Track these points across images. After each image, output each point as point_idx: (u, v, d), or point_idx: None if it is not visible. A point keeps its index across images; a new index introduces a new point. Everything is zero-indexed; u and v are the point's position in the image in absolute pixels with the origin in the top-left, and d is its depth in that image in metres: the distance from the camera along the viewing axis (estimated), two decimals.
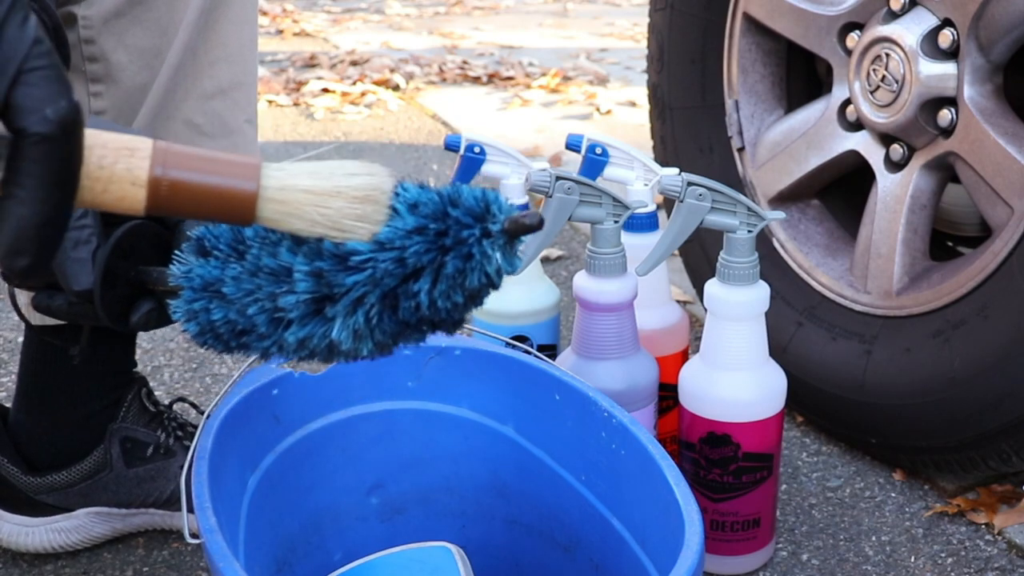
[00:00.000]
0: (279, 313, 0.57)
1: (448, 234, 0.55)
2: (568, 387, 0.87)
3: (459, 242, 0.55)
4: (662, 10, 1.42)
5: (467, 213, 0.55)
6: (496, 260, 0.55)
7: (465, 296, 0.56)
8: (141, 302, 0.64)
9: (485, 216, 0.55)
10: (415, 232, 0.55)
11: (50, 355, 1.06)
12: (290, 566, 0.88)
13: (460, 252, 0.55)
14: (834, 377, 1.22)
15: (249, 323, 0.58)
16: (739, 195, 0.95)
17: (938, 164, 1.16)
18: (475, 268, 0.55)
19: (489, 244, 0.55)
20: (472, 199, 0.55)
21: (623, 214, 0.99)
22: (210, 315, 0.59)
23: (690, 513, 0.72)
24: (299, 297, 0.56)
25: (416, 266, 0.55)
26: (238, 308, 0.58)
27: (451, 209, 0.55)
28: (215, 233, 0.59)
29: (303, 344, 0.57)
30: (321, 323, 0.56)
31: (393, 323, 0.57)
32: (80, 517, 1.07)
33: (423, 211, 0.55)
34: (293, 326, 0.57)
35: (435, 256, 0.55)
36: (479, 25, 4.55)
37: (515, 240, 0.56)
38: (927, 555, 1.08)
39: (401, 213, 0.55)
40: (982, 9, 1.06)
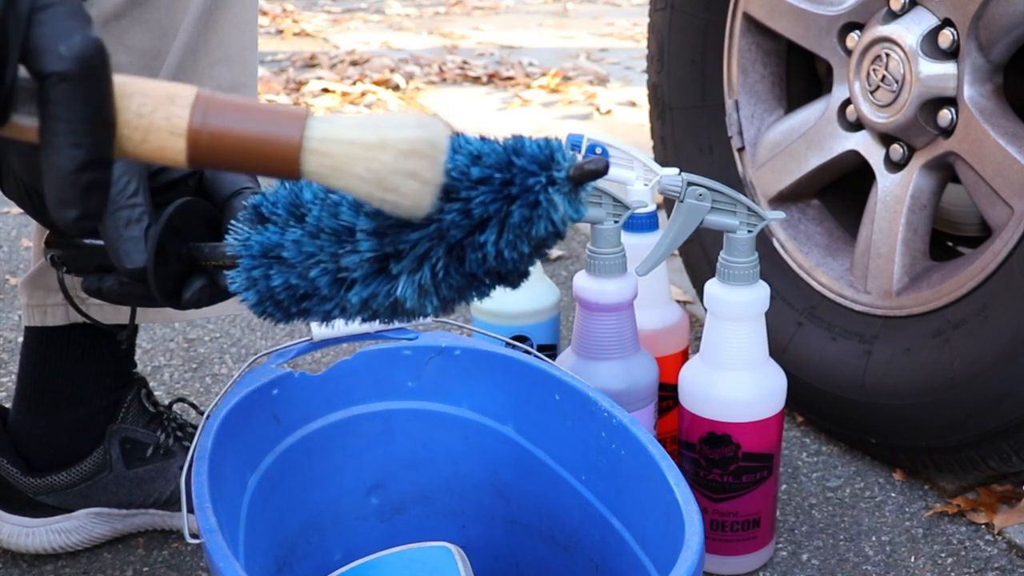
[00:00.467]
0: (342, 273, 0.56)
1: (514, 183, 0.54)
2: (568, 387, 0.87)
3: (525, 190, 0.54)
4: (662, 10, 1.42)
5: (532, 161, 0.54)
6: (562, 207, 0.55)
7: (532, 245, 0.56)
8: (193, 279, 0.64)
9: (550, 164, 0.55)
10: (480, 182, 0.54)
11: (49, 356, 1.06)
12: (290, 566, 0.88)
13: (527, 200, 0.54)
14: (834, 377, 1.22)
15: (311, 286, 0.57)
16: (739, 195, 0.95)
17: (938, 164, 1.16)
18: (542, 216, 0.55)
19: (555, 191, 0.55)
20: (536, 148, 0.55)
21: (623, 214, 0.99)
22: (270, 281, 0.58)
23: (690, 513, 0.72)
24: (363, 256, 0.55)
25: (482, 216, 0.54)
26: (299, 272, 0.57)
27: (515, 158, 0.55)
28: (272, 199, 0.59)
29: (366, 304, 0.57)
30: (386, 281, 0.56)
31: (460, 276, 0.56)
32: (80, 518, 1.07)
33: (487, 161, 0.55)
34: (356, 286, 0.56)
35: (501, 205, 0.54)
36: (479, 25, 4.55)
37: (580, 187, 0.56)
38: (927, 555, 1.08)
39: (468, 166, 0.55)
40: (982, 9, 1.06)
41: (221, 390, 0.98)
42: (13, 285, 1.73)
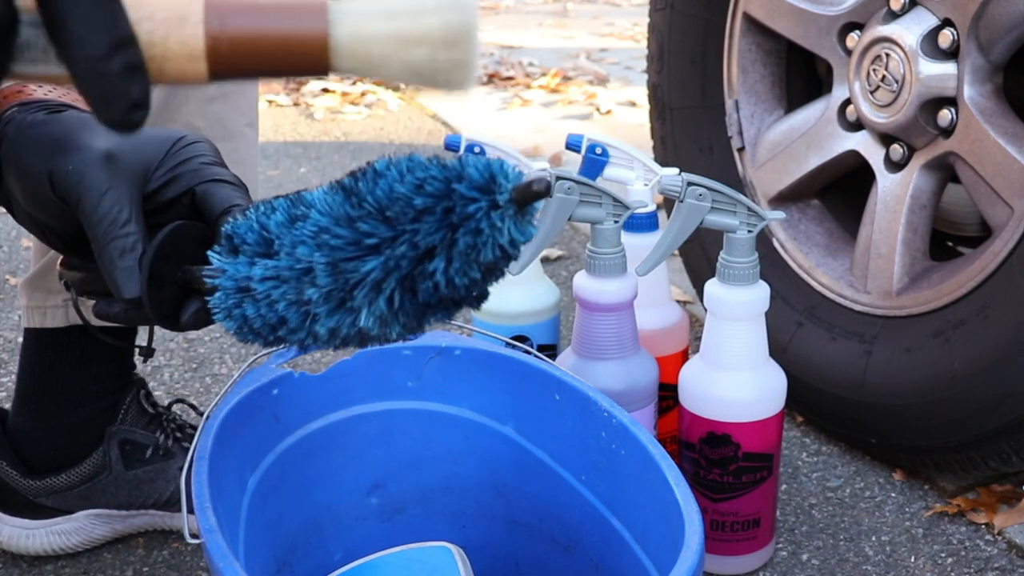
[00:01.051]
0: (305, 307, 0.57)
1: (455, 211, 0.54)
2: (568, 387, 0.87)
3: (466, 217, 0.54)
4: (662, 10, 1.42)
5: (472, 187, 0.54)
6: (507, 230, 0.54)
7: (482, 270, 0.56)
8: (189, 302, 0.64)
9: (491, 187, 0.54)
10: (423, 212, 0.54)
11: (49, 358, 1.06)
12: (290, 566, 0.88)
13: (468, 228, 0.54)
14: (834, 377, 1.22)
15: (280, 318, 0.58)
16: (739, 195, 0.95)
17: (938, 164, 1.16)
18: (487, 242, 0.54)
19: (498, 216, 0.54)
20: (476, 172, 0.54)
21: (623, 214, 0.99)
22: (244, 311, 0.59)
23: (690, 513, 0.72)
24: (321, 291, 0.56)
25: (428, 246, 0.54)
26: (267, 304, 0.58)
27: (456, 184, 0.54)
28: (242, 229, 0.59)
29: (334, 334, 0.58)
30: (348, 313, 0.56)
31: (414, 305, 0.56)
32: (80, 519, 1.07)
33: (429, 189, 0.54)
34: (321, 318, 0.57)
35: (445, 234, 0.54)
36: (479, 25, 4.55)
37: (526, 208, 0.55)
38: (927, 555, 1.08)
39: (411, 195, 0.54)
40: (982, 9, 1.06)
41: (221, 390, 0.98)
42: (13, 285, 1.73)
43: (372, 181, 0.56)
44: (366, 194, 0.56)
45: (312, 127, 2.84)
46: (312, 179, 2.38)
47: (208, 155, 0.67)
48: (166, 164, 0.65)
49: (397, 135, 2.75)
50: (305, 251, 0.56)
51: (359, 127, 2.83)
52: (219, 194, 0.65)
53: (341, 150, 2.61)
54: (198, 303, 0.64)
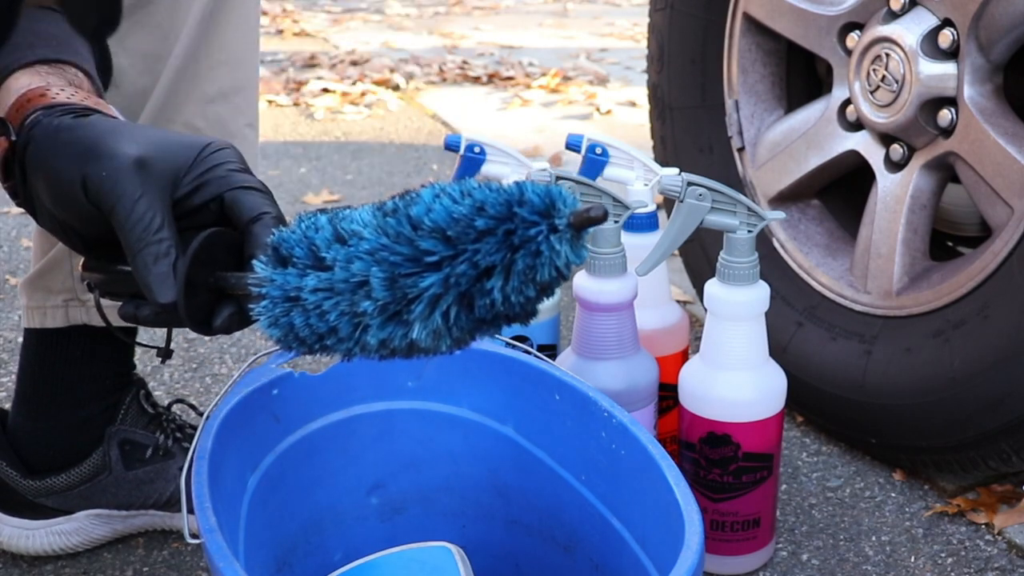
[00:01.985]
0: (359, 319, 0.59)
1: (516, 233, 0.56)
2: (568, 387, 0.87)
3: (527, 240, 0.56)
4: (662, 10, 1.42)
5: (533, 211, 0.56)
6: (564, 254, 0.57)
7: (537, 289, 0.58)
8: (222, 307, 0.66)
9: (551, 212, 0.56)
10: (485, 233, 0.56)
11: (49, 358, 1.05)
12: (290, 566, 0.88)
13: (529, 249, 0.56)
14: (834, 377, 1.22)
15: (330, 327, 0.60)
16: (739, 195, 0.95)
17: (938, 164, 1.16)
18: (545, 263, 0.56)
19: (556, 239, 0.56)
20: (536, 196, 0.56)
21: (623, 214, 0.99)
22: (291, 320, 0.61)
23: (690, 513, 0.72)
24: (377, 304, 0.58)
25: (487, 266, 0.57)
26: (318, 314, 0.60)
27: (517, 208, 0.56)
28: (289, 241, 0.61)
29: (384, 344, 0.60)
30: (401, 325, 0.59)
31: (470, 320, 0.59)
32: (80, 519, 1.07)
33: (490, 211, 0.56)
34: (373, 329, 0.59)
35: (505, 255, 0.56)
36: (479, 25, 4.55)
37: (581, 233, 0.57)
38: (927, 555, 1.08)
39: (471, 216, 0.57)
40: (982, 9, 1.06)
41: (221, 390, 0.98)
42: (13, 285, 1.73)
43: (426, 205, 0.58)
44: (422, 216, 0.58)
45: (312, 127, 2.84)
46: (312, 179, 2.38)
47: (235, 162, 0.68)
48: (195, 170, 0.66)
49: (397, 135, 2.75)
50: (361, 266, 0.58)
51: (359, 127, 2.84)
52: (248, 202, 0.66)
53: (341, 150, 2.61)
54: (232, 308, 0.66)
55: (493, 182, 0.58)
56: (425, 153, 2.57)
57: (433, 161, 2.49)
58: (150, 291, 0.63)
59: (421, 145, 2.64)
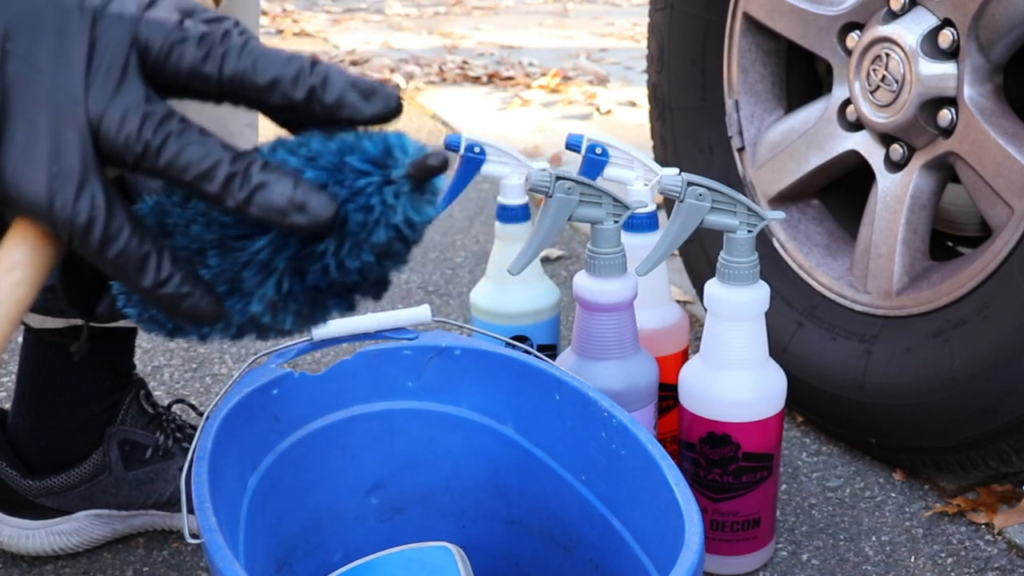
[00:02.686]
0: None
1: (344, 184, 0.50)
2: (568, 387, 0.87)
3: (356, 192, 0.50)
4: (662, 10, 1.42)
5: (364, 159, 0.50)
6: (401, 209, 0.50)
7: (375, 253, 0.51)
8: (106, 292, 0.62)
9: (386, 161, 0.50)
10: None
11: (48, 358, 1.06)
12: (290, 566, 0.88)
13: (358, 203, 0.50)
14: (834, 377, 1.22)
15: None
16: (739, 195, 0.95)
17: (938, 164, 1.16)
18: (378, 221, 0.50)
19: (391, 191, 0.50)
20: (371, 143, 0.51)
21: (623, 214, 0.99)
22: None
23: (690, 513, 0.72)
24: (212, 271, 0.53)
25: None
26: None
27: (348, 157, 0.50)
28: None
29: (227, 321, 0.55)
30: (239, 297, 0.53)
31: (305, 290, 0.53)
32: (80, 519, 1.07)
33: (321, 162, 0.51)
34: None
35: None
36: (479, 25, 4.56)
37: (423, 185, 0.51)
38: (927, 555, 1.08)
39: (299, 167, 0.51)
40: (982, 9, 1.06)
41: (221, 390, 0.98)
42: None
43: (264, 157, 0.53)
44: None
45: None
46: None
47: None
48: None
49: None
50: (197, 229, 0.53)
51: None
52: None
53: None
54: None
55: (339, 134, 0.52)
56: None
57: None
58: None
59: None
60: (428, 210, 0.51)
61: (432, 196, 0.51)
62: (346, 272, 0.52)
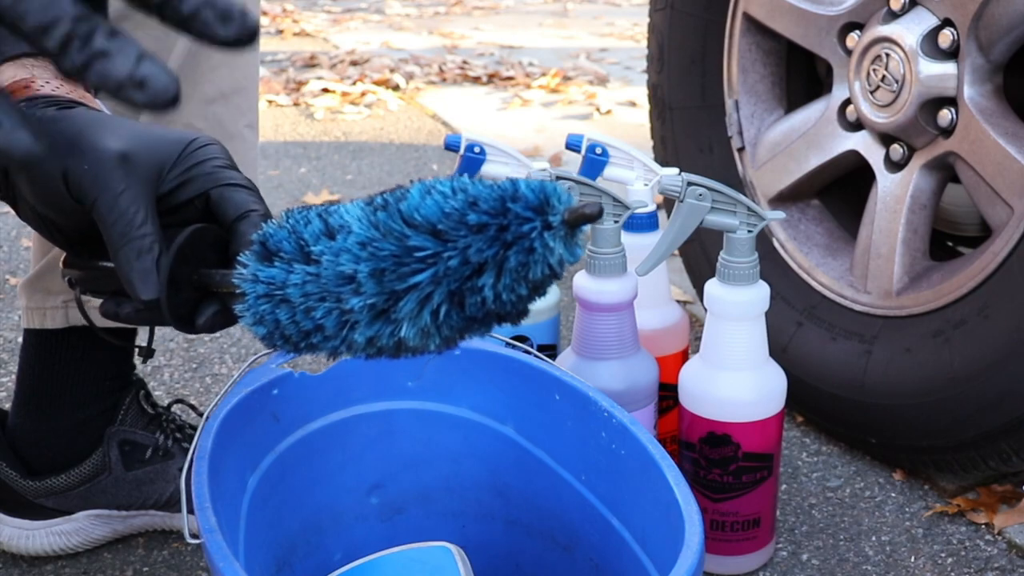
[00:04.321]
0: (346, 316, 0.57)
1: (509, 229, 0.54)
2: (568, 387, 0.87)
3: (520, 236, 0.54)
4: (662, 10, 1.42)
5: (527, 207, 0.54)
6: (558, 251, 0.55)
7: (529, 288, 0.56)
8: (205, 305, 0.64)
9: (545, 208, 0.54)
10: (476, 229, 0.55)
11: (48, 359, 1.05)
12: (290, 566, 0.88)
13: (522, 246, 0.54)
14: (834, 377, 1.22)
15: (316, 324, 0.58)
16: (739, 195, 0.95)
17: (938, 164, 1.16)
18: (538, 261, 0.55)
19: (550, 236, 0.54)
20: (531, 192, 0.55)
21: (623, 214, 0.99)
22: (277, 317, 0.59)
23: (690, 513, 0.72)
24: (365, 300, 0.56)
25: (479, 262, 0.55)
26: (304, 310, 0.58)
27: (511, 204, 0.54)
28: (277, 236, 0.59)
29: (371, 343, 0.58)
30: (388, 323, 0.57)
31: (460, 319, 0.57)
32: (80, 520, 1.07)
33: (483, 207, 0.55)
34: (360, 327, 0.57)
35: (497, 251, 0.55)
36: (479, 25, 4.55)
37: (575, 230, 0.55)
38: (927, 555, 1.08)
39: (464, 211, 0.55)
40: (982, 9, 1.06)
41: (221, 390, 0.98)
42: (13, 285, 1.73)
43: (417, 199, 0.56)
44: (412, 211, 0.56)
45: (312, 127, 2.84)
46: (312, 179, 2.38)
47: (221, 158, 0.67)
48: (180, 166, 0.65)
49: (397, 135, 2.75)
50: (349, 260, 0.56)
51: (359, 127, 2.84)
52: (234, 199, 0.65)
53: (341, 150, 2.61)
54: (216, 306, 0.64)
55: (487, 180, 0.57)
56: (425, 153, 2.57)
57: (433, 161, 2.49)
58: (132, 287, 0.61)
59: (421, 145, 2.64)
60: (579, 251, 0.56)
61: (581, 237, 0.56)
62: (501, 304, 0.56)
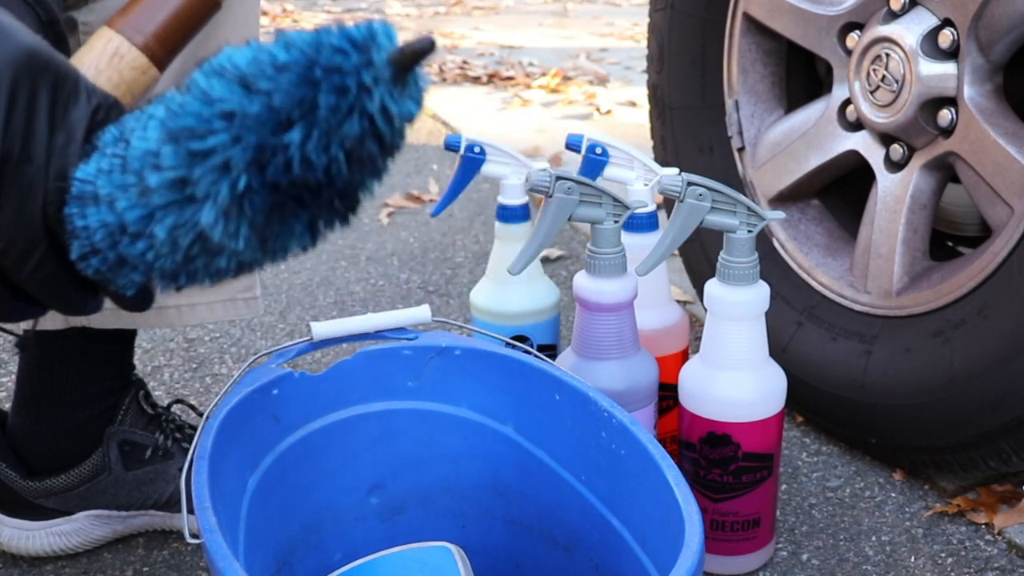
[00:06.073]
0: (146, 200, 0.50)
1: (320, 63, 0.46)
2: (568, 387, 0.87)
3: (332, 70, 0.46)
4: (662, 10, 1.42)
5: (345, 38, 0.47)
6: (379, 96, 0.46)
7: (344, 147, 0.47)
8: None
9: (368, 45, 0.46)
10: (284, 68, 0.47)
11: (47, 359, 1.05)
12: (290, 566, 0.88)
13: (332, 84, 0.46)
14: (834, 377, 1.22)
15: (120, 222, 0.51)
16: (739, 195, 0.95)
17: (938, 164, 1.16)
18: (353, 106, 0.46)
19: (369, 75, 0.46)
20: (352, 27, 0.47)
21: (623, 214, 0.99)
22: (86, 220, 0.52)
23: (690, 513, 0.72)
24: (163, 175, 0.48)
25: (285, 110, 0.47)
26: (108, 204, 0.51)
27: (326, 37, 0.47)
28: (107, 135, 0.53)
29: (175, 243, 0.50)
30: (189, 205, 0.49)
31: (263, 194, 0.48)
32: (80, 520, 1.07)
33: (298, 44, 0.47)
34: (159, 215, 0.49)
35: (306, 94, 0.47)
36: (479, 25, 4.55)
37: (407, 76, 0.47)
38: (927, 555, 1.08)
39: (275, 52, 0.48)
40: (982, 9, 1.06)
41: (221, 390, 0.98)
42: None
43: (231, 50, 0.50)
44: (224, 61, 0.49)
45: None
46: None
47: None
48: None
49: None
50: (156, 130, 0.49)
51: None
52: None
53: None
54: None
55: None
56: (425, 153, 2.57)
57: (433, 161, 2.49)
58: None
59: (421, 145, 2.64)
60: (409, 104, 0.48)
61: (416, 91, 0.48)
62: (311, 168, 0.48)
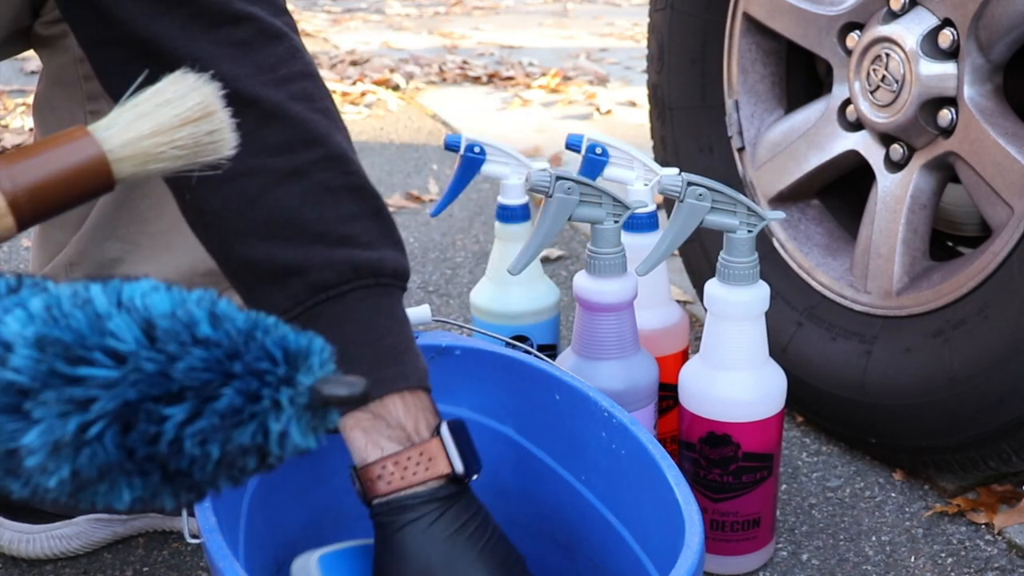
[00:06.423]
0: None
1: (241, 359, 0.43)
2: (568, 387, 0.87)
3: (252, 372, 0.43)
4: (662, 10, 1.42)
5: (279, 346, 0.44)
6: (285, 419, 0.43)
7: (224, 450, 0.43)
8: None
9: (298, 362, 0.44)
10: (202, 343, 0.43)
11: None
12: (290, 566, 0.88)
13: (246, 385, 0.43)
14: (834, 377, 1.22)
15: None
16: (739, 195, 0.95)
17: (938, 164, 1.16)
18: (256, 416, 0.43)
19: (287, 395, 0.43)
20: (293, 337, 0.44)
21: (623, 214, 0.99)
22: None
23: (690, 513, 0.72)
24: (4, 373, 0.42)
25: (183, 383, 0.42)
26: None
27: (260, 334, 0.44)
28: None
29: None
30: (20, 419, 0.42)
31: (114, 449, 0.42)
32: (80, 523, 1.07)
33: (226, 325, 0.44)
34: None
35: (212, 381, 0.43)
36: (479, 25, 4.55)
37: (322, 411, 0.44)
38: (927, 555, 1.08)
39: (199, 320, 0.44)
40: (982, 9, 1.06)
41: None
42: None
43: (147, 288, 0.46)
44: (134, 294, 0.45)
45: None
46: None
47: None
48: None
49: (397, 135, 2.75)
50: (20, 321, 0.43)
51: (359, 127, 2.83)
52: None
53: None
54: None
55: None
56: (425, 153, 2.57)
57: (433, 161, 2.49)
58: None
59: (421, 145, 2.64)
60: (310, 439, 0.45)
61: (322, 427, 0.45)
62: (178, 454, 0.43)
